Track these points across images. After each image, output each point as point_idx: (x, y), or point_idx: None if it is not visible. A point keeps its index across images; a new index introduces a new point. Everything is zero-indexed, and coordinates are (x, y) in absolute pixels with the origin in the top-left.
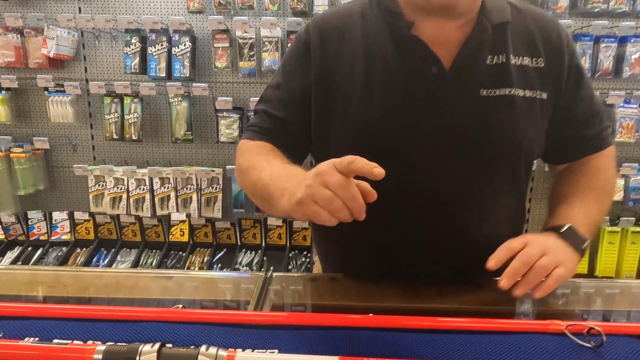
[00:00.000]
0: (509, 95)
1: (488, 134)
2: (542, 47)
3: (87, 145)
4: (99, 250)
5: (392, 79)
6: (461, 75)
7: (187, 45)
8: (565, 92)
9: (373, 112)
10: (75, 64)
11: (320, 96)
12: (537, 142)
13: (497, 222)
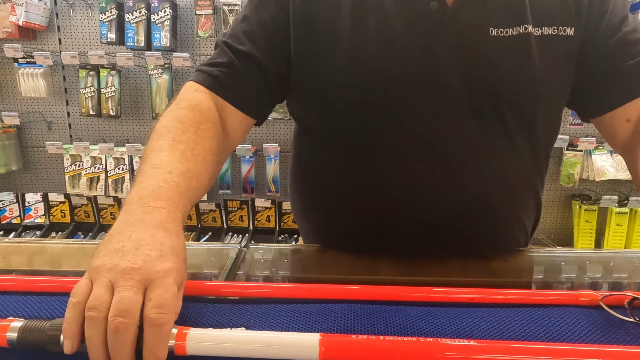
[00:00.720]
0: (525, 34)
1: (499, 82)
2: None
3: (63, 122)
4: (76, 234)
5: (386, 15)
6: (466, 11)
7: (168, 12)
8: (591, 19)
9: (365, 57)
10: (49, 35)
11: (302, 39)
12: (561, 91)
13: (511, 185)
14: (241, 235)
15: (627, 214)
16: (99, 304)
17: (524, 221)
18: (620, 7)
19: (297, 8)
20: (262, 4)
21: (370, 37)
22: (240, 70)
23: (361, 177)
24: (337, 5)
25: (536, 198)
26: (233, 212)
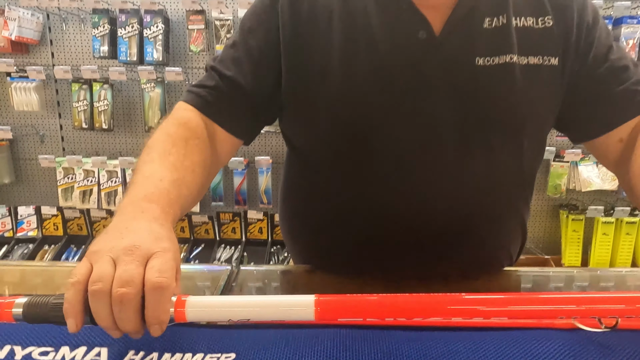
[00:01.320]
0: (510, 63)
1: (485, 110)
2: (548, 3)
3: (56, 135)
4: (69, 247)
5: (375, 44)
6: (454, 41)
7: (160, 27)
8: (578, 50)
9: (354, 85)
10: (41, 49)
11: (293, 65)
12: (545, 118)
13: (498, 208)
14: (233, 247)
15: (612, 224)
16: (103, 277)
17: (509, 246)
18: (605, 38)
19: (287, 36)
20: (251, 32)
21: (359, 65)
22: (226, 94)
23: (349, 201)
24: (327, 34)
25: (521, 223)
26: (226, 224)
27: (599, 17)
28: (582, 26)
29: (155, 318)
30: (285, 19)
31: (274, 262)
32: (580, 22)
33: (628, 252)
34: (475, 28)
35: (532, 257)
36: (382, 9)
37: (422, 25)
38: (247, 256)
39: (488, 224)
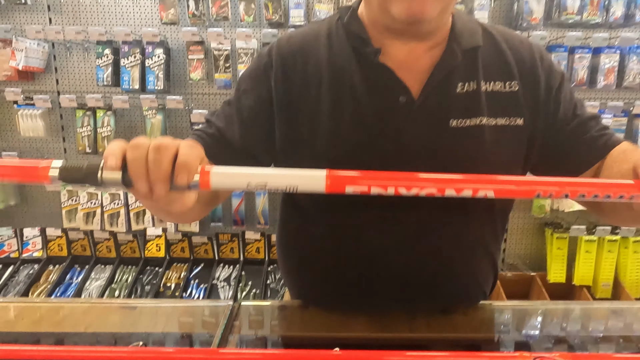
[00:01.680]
0: (480, 125)
1: (457, 167)
2: (515, 69)
3: (60, 159)
4: (72, 267)
5: (360, 107)
6: (430, 105)
7: (161, 57)
8: (547, 110)
9: (340, 144)
10: (46, 76)
11: (284, 125)
12: (514, 171)
13: (469, 251)
14: (232, 266)
15: (595, 242)
16: (141, 141)
17: (482, 283)
18: (570, 97)
19: (280, 100)
20: (245, 93)
21: (345, 126)
22: (219, 144)
23: (338, 246)
24: (317, 99)
25: (493, 264)
26: (224, 244)
27: (565, 79)
28: (550, 90)
29: (184, 163)
30: (279, 85)
31: (271, 280)
32: (548, 86)
33: (610, 269)
34: (450, 92)
35: (518, 273)
36: (366, 76)
37: (403, 91)
38: (245, 275)
39: (463, 267)
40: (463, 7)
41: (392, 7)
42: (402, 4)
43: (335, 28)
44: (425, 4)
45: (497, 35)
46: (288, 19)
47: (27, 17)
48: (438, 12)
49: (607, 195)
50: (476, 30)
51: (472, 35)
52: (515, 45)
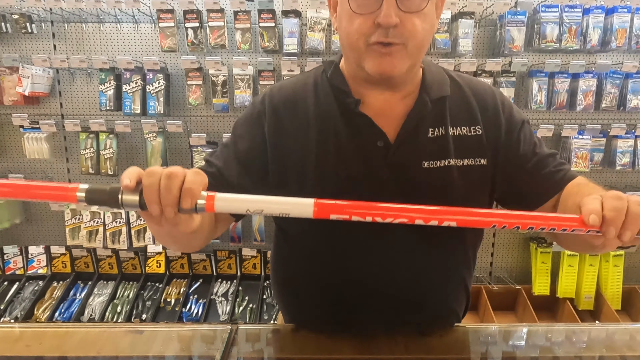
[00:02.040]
0: (448, 166)
1: (429, 203)
2: (479, 115)
3: (63, 178)
4: (76, 283)
5: (343, 151)
6: (404, 148)
7: (161, 83)
8: (508, 150)
9: (326, 185)
10: (51, 100)
11: (276, 165)
12: (479, 205)
13: (443, 278)
14: (229, 282)
15: (577, 256)
16: (155, 169)
17: (455, 307)
18: (529, 137)
19: (272, 144)
20: (240, 137)
21: (329, 170)
22: (218, 181)
23: (325, 273)
24: (305, 143)
25: (465, 289)
26: (222, 261)
27: (524, 123)
28: (511, 132)
29: (189, 190)
30: (271, 131)
31: (267, 295)
32: (508, 129)
33: (592, 282)
34: (421, 137)
35: (505, 286)
36: (348, 123)
37: (380, 136)
38: (242, 290)
39: (438, 292)
40: (448, 35)
41: (366, 65)
42: (374, 62)
43: (321, 80)
44: (393, 62)
45: (463, 84)
46: (282, 46)
47: (33, 45)
48: (406, 68)
49: (552, 228)
50: (444, 81)
51: (441, 86)
52: (480, 93)
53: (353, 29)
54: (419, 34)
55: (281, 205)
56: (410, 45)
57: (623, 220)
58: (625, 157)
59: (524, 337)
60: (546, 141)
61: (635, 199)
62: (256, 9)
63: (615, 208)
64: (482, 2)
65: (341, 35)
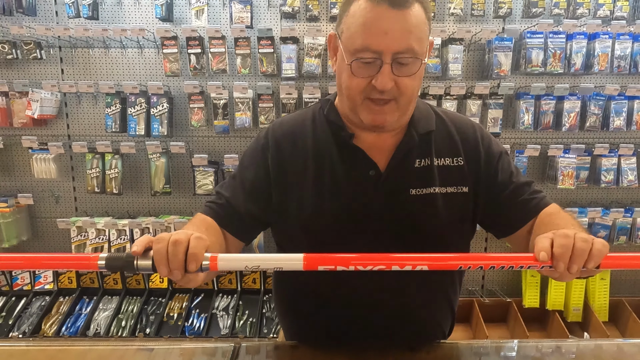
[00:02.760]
0: (433, 193)
1: (417, 228)
2: (461, 147)
3: (70, 196)
4: (82, 298)
5: (338, 180)
6: (394, 177)
7: (165, 106)
8: (487, 179)
9: (322, 209)
10: (58, 122)
11: (279, 192)
12: (462, 230)
13: (430, 297)
14: (230, 296)
15: None
16: (163, 235)
17: (442, 324)
18: (507, 166)
19: (275, 175)
20: (247, 169)
21: (326, 194)
22: (228, 212)
23: (321, 291)
24: (303, 173)
25: (451, 308)
26: (223, 276)
27: (502, 152)
28: (489, 162)
29: (193, 255)
30: (274, 162)
31: (266, 309)
32: (487, 160)
33: (580, 295)
34: (409, 167)
35: (496, 299)
36: (343, 154)
37: (372, 166)
38: (242, 305)
39: (425, 310)
40: (438, 60)
41: (361, 115)
42: (368, 115)
43: (318, 115)
44: (385, 117)
45: (447, 120)
46: (281, 71)
47: (42, 69)
48: (396, 119)
49: (511, 267)
50: (431, 117)
51: (427, 122)
52: (462, 128)
53: (352, 85)
54: (409, 91)
55: (275, 261)
56: (401, 101)
57: (570, 256)
58: (609, 175)
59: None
60: (533, 160)
61: (581, 236)
62: (256, 35)
63: (562, 245)
64: (470, 29)
65: (339, 84)
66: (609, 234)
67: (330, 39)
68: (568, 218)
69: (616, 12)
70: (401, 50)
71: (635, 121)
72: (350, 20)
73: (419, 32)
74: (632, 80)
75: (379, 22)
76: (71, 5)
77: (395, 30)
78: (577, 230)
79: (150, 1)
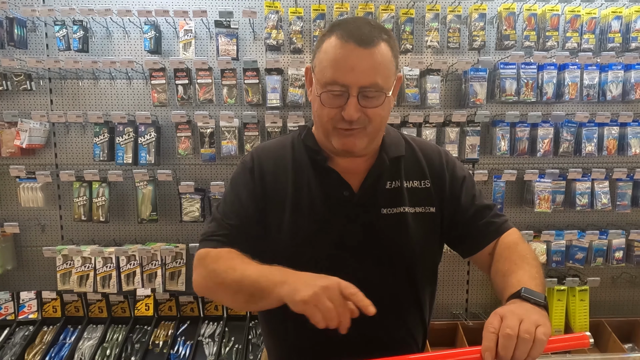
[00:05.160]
0: (403, 212)
1: (388, 244)
2: (427, 171)
3: (56, 225)
4: (66, 327)
5: (314, 200)
6: (366, 197)
7: (153, 135)
8: (452, 200)
9: (300, 230)
10: (46, 151)
11: (262, 214)
12: (431, 248)
13: (404, 309)
14: (216, 323)
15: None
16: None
17: (415, 337)
18: (470, 189)
19: (260, 191)
20: (241, 192)
21: (304, 212)
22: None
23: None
24: (283, 196)
25: (423, 322)
26: (209, 302)
27: (466, 176)
28: (454, 185)
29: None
30: (259, 183)
31: (252, 335)
32: (451, 183)
33: (560, 316)
34: (380, 188)
35: (480, 322)
36: (319, 176)
37: (346, 187)
38: (228, 331)
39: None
40: (417, 89)
41: (333, 142)
42: (339, 141)
43: (297, 141)
44: (355, 142)
45: (415, 146)
46: (266, 101)
47: (31, 100)
48: (365, 144)
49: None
50: (400, 144)
51: (397, 147)
52: (428, 153)
53: (323, 114)
54: (376, 120)
55: None
56: (369, 128)
57: (512, 354)
58: (584, 199)
59: None
60: (511, 185)
61: (524, 335)
62: (242, 67)
63: (505, 347)
64: (447, 61)
65: (314, 112)
66: (585, 255)
67: (306, 72)
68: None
69: (583, 44)
70: (366, 85)
71: (606, 147)
72: (322, 56)
73: (384, 69)
74: (600, 108)
75: (347, 59)
76: (62, 39)
77: (362, 66)
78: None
79: (139, 34)
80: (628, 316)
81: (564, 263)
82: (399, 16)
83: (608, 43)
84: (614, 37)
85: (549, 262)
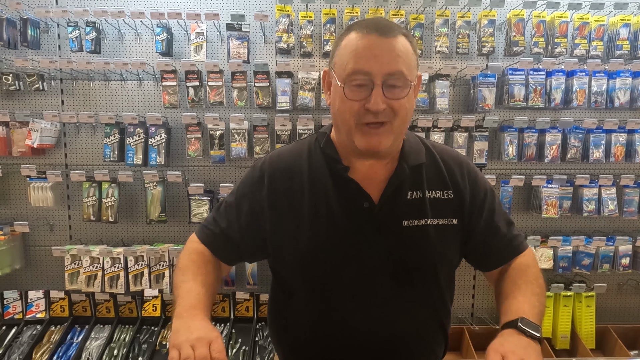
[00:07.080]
0: (425, 225)
1: (409, 258)
2: (449, 181)
3: (64, 225)
4: (73, 327)
5: (333, 211)
6: (387, 208)
7: (163, 136)
8: (472, 214)
9: (318, 243)
10: (56, 151)
11: (273, 225)
12: (451, 260)
13: (421, 321)
14: (223, 324)
15: (552, 297)
16: (190, 355)
17: (435, 349)
18: (490, 204)
19: (270, 202)
20: (244, 197)
21: (322, 225)
22: (222, 242)
23: (317, 321)
24: (300, 206)
25: (443, 330)
26: (216, 304)
27: (487, 190)
28: (475, 199)
29: None
30: (269, 193)
31: (259, 337)
32: (472, 196)
33: (567, 322)
34: (401, 199)
35: (486, 327)
36: (338, 186)
37: (366, 198)
38: (235, 333)
39: (416, 335)
40: (426, 94)
41: (356, 141)
42: (363, 139)
43: (314, 148)
44: (380, 140)
45: (437, 154)
46: (276, 103)
47: (43, 100)
48: (391, 142)
49: None
50: (421, 150)
51: (418, 154)
52: (449, 163)
53: (346, 110)
54: (402, 112)
55: None
56: (395, 123)
57: None
58: (591, 205)
59: None
60: (518, 190)
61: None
62: (252, 70)
63: None
64: (456, 66)
65: (334, 112)
66: (592, 261)
67: (324, 75)
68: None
69: (591, 51)
70: (391, 72)
71: (613, 153)
72: (342, 52)
73: (406, 58)
74: (608, 115)
75: (368, 48)
76: (74, 40)
77: (384, 54)
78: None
79: (151, 36)
80: (634, 323)
81: (571, 269)
82: (409, 21)
83: (616, 50)
84: (622, 45)
85: (556, 267)
